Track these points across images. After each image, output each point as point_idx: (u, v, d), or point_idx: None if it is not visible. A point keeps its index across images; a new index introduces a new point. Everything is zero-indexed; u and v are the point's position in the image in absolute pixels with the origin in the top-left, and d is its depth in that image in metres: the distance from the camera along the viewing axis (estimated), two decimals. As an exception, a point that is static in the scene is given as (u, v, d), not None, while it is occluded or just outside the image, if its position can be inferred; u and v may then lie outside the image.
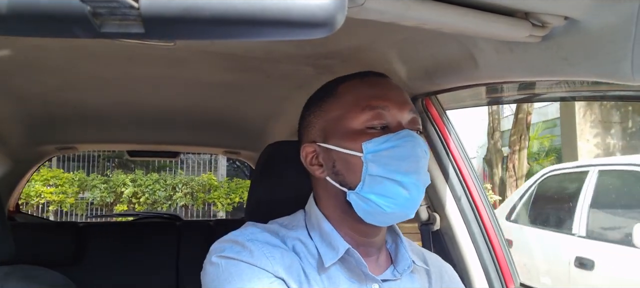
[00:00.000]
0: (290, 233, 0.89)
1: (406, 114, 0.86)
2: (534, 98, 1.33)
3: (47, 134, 2.47)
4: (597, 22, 0.77)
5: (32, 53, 1.43)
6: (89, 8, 0.36)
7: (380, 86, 0.88)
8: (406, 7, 0.74)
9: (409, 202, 0.81)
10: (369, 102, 0.84)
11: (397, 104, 0.85)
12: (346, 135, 0.84)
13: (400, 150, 0.80)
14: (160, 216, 3.76)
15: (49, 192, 9.72)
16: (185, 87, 1.86)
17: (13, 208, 3.13)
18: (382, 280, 0.88)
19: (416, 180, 0.81)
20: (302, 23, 0.38)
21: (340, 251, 0.84)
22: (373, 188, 0.81)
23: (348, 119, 0.85)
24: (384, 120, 0.84)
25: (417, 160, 0.81)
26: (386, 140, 0.81)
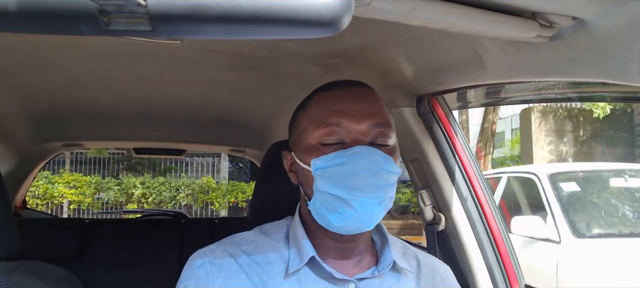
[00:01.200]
0: (265, 240, 0.93)
1: (366, 126, 0.85)
2: (534, 99, 1.32)
3: (53, 131, 2.48)
4: (605, 22, 0.76)
5: (39, 51, 1.44)
6: (96, 6, 0.36)
7: (342, 99, 0.88)
8: (412, 7, 0.73)
9: (356, 218, 0.83)
10: (325, 118, 0.86)
11: (355, 118, 0.85)
12: (304, 150, 0.87)
13: (347, 167, 0.81)
14: (166, 213, 3.76)
15: (70, 193, 10.98)
16: (191, 85, 1.86)
17: (20, 205, 3.15)
18: (358, 279, 0.89)
19: (360, 197, 0.81)
20: (308, 22, 0.38)
21: (305, 258, 0.87)
22: (322, 203, 0.84)
23: (307, 134, 0.88)
24: (338, 136, 0.85)
25: (363, 177, 0.81)
26: (334, 158, 0.83)
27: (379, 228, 0.99)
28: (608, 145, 9.89)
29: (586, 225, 4.00)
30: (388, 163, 0.84)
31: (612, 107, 9.04)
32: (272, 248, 0.91)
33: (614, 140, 9.92)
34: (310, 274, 0.88)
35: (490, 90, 1.36)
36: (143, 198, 11.19)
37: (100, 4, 0.36)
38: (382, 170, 0.83)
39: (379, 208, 0.84)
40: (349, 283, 0.88)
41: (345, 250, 0.91)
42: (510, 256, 1.42)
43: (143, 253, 2.45)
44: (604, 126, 9.90)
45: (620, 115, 9.93)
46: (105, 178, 11.62)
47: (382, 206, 0.84)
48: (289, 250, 0.90)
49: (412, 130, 1.43)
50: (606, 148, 9.70)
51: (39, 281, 1.14)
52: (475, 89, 1.35)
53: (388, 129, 0.87)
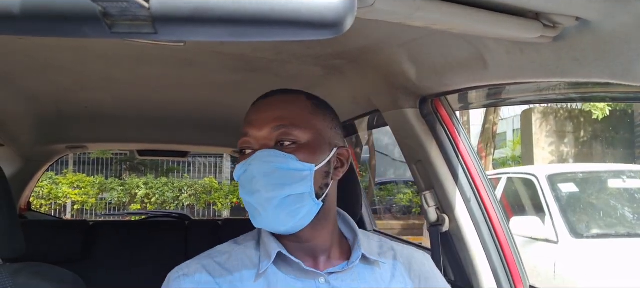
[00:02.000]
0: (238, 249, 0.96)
1: (267, 131, 0.89)
2: (537, 99, 1.31)
3: (57, 133, 2.49)
4: (609, 22, 0.76)
5: (43, 53, 1.45)
6: (100, 8, 0.36)
7: (253, 110, 0.94)
8: (415, 8, 0.73)
9: (264, 219, 0.88)
10: (242, 129, 0.93)
11: (258, 126, 0.90)
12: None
13: (247, 173, 0.88)
14: (170, 215, 3.77)
15: (74, 193, 11.04)
16: (194, 87, 1.87)
17: (24, 207, 3.16)
18: (328, 273, 0.91)
19: (260, 199, 0.86)
20: (311, 23, 0.38)
21: (273, 256, 0.90)
22: (246, 206, 0.91)
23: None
24: (249, 145, 0.91)
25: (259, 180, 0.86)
26: (240, 167, 0.90)
27: (349, 224, 1.02)
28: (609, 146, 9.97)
29: (584, 226, 4.05)
30: (286, 162, 0.87)
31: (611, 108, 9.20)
32: (244, 255, 0.94)
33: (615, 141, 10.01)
34: (279, 273, 0.91)
35: (493, 91, 1.36)
36: (146, 199, 11.37)
37: (104, 7, 0.36)
38: (279, 169, 0.86)
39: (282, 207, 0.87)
40: (319, 277, 0.90)
41: (306, 249, 0.94)
42: (515, 257, 1.42)
43: (147, 255, 2.46)
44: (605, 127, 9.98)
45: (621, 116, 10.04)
46: (108, 179, 11.80)
47: (287, 203, 0.87)
48: (260, 255, 0.93)
49: (415, 131, 1.43)
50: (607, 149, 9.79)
51: (44, 282, 1.15)
52: (478, 90, 1.35)
53: (292, 129, 0.89)
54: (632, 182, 4.41)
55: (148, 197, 11.45)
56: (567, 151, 10.03)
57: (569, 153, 10.02)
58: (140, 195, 11.41)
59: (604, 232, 4.00)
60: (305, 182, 0.88)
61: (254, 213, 0.89)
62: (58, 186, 11.03)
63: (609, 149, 9.88)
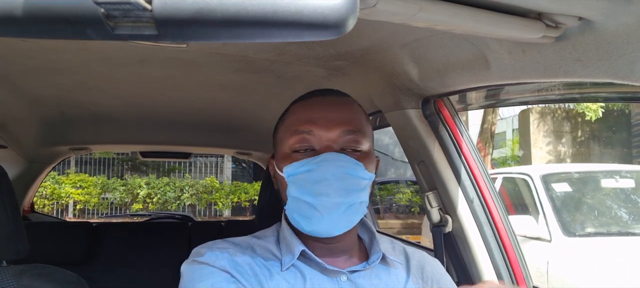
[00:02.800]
0: (259, 243, 0.96)
1: (336, 134, 0.88)
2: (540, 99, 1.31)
3: (61, 135, 2.49)
4: (612, 22, 0.76)
5: (46, 55, 1.45)
6: (103, 10, 0.36)
7: (314, 107, 0.92)
8: (418, 8, 0.73)
9: (323, 223, 0.86)
10: (297, 126, 0.90)
11: (326, 126, 0.88)
12: (280, 158, 0.92)
13: (315, 174, 0.85)
14: (173, 216, 3.78)
15: (77, 193, 11.12)
16: (197, 88, 1.87)
17: (28, 208, 3.17)
18: (349, 272, 0.92)
19: (327, 203, 0.85)
20: (313, 24, 0.38)
21: (296, 254, 0.90)
22: (294, 208, 0.89)
23: (283, 142, 0.92)
24: (308, 143, 0.89)
25: (329, 183, 0.84)
26: (303, 165, 0.87)
27: (366, 225, 1.02)
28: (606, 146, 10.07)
29: (576, 224, 4.13)
30: (356, 169, 0.87)
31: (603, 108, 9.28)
32: (266, 250, 0.94)
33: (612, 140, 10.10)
34: (304, 267, 0.91)
35: (496, 91, 1.36)
36: (148, 199, 11.45)
37: (107, 9, 0.36)
38: (349, 175, 0.86)
39: (346, 213, 0.87)
40: (341, 274, 0.91)
41: (331, 249, 0.94)
42: (518, 258, 1.42)
43: (150, 256, 2.46)
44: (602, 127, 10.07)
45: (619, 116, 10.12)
46: (111, 179, 11.89)
47: (351, 211, 0.87)
48: (281, 252, 0.93)
49: (418, 131, 1.43)
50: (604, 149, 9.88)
51: (48, 284, 1.15)
52: (481, 90, 1.35)
53: (359, 136, 0.90)
54: (624, 182, 4.50)
55: (150, 196, 11.51)
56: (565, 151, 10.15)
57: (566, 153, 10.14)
58: (142, 195, 11.47)
59: (596, 230, 4.08)
60: (365, 191, 0.89)
61: (310, 215, 0.86)
62: (61, 186, 11.09)
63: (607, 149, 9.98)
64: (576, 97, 1.18)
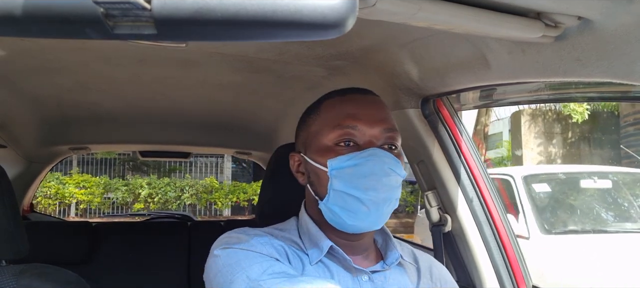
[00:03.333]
0: (282, 234, 0.96)
1: (378, 131, 0.90)
2: (538, 99, 1.31)
3: (60, 135, 2.49)
4: (611, 22, 0.76)
5: (45, 55, 1.45)
6: (102, 10, 0.36)
7: (356, 104, 0.92)
8: (417, 8, 0.73)
9: (368, 217, 0.87)
10: (340, 121, 0.90)
11: (369, 122, 0.90)
12: (318, 151, 0.92)
13: (362, 168, 0.86)
14: (172, 216, 3.78)
15: (80, 193, 11.39)
16: (196, 88, 1.87)
17: (27, 208, 3.17)
18: (371, 272, 0.93)
19: (375, 197, 0.86)
20: (313, 24, 0.38)
21: (324, 249, 0.90)
22: (336, 201, 0.88)
23: (321, 136, 0.92)
24: (353, 138, 0.89)
25: (378, 178, 0.86)
26: (350, 158, 0.87)
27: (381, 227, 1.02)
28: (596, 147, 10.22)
29: (553, 223, 4.34)
30: (397, 166, 0.89)
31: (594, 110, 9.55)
32: (291, 241, 0.94)
33: (602, 141, 10.25)
34: (331, 263, 0.92)
35: (495, 91, 1.36)
36: (149, 198, 11.66)
37: (106, 8, 0.36)
38: (393, 172, 0.88)
39: (388, 208, 0.89)
40: (363, 274, 0.92)
41: (352, 246, 0.95)
42: (518, 257, 1.42)
43: (150, 256, 2.46)
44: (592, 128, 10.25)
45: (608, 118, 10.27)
46: (113, 179, 12.11)
47: (391, 206, 0.90)
48: (304, 247, 0.94)
49: (417, 131, 1.43)
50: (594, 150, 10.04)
51: (48, 284, 1.15)
52: (480, 90, 1.35)
53: (396, 134, 0.92)
54: (602, 182, 4.72)
55: (151, 196, 11.69)
56: (555, 151, 10.32)
57: (557, 154, 10.30)
58: (144, 195, 11.65)
59: (571, 228, 4.28)
60: (400, 188, 0.91)
61: (356, 209, 0.86)
62: (64, 186, 11.28)
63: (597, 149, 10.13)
64: (575, 97, 1.18)
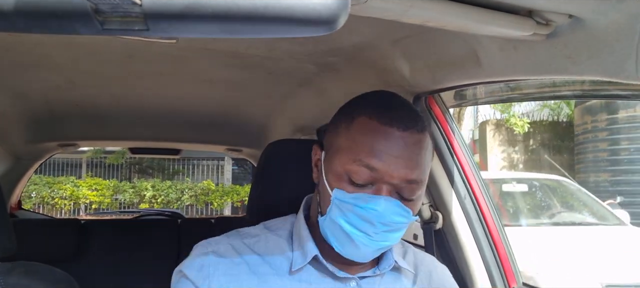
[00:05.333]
0: (269, 236, 0.94)
1: (398, 180, 0.83)
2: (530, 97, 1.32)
3: (48, 131, 2.47)
4: (602, 20, 0.76)
5: (33, 50, 1.43)
6: (91, 5, 0.36)
7: (389, 141, 0.83)
8: (409, 5, 0.73)
9: (357, 254, 0.85)
10: (363, 155, 0.83)
11: (391, 169, 0.82)
12: (331, 170, 0.87)
13: (364, 212, 0.81)
14: (162, 213, 3.76)
15: (92, 194, 12.91)
16: (186, 84, 1.86)
17: (15, 205, 3.14)
18: (359, 277, 0.92)
19: (367, 241, 0.82)
20: (304, 20, 0.38)
21: (308, 257, 0.89)
22: (330, 227, 0.86)
23: (341, 157, 0.85)
24: (368, 179, 0.83)
25: (375, 227, 0.82)
26: (355, 198, 0.82)
27: None
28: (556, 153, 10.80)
29: None
30: (405, 216, 0.83)
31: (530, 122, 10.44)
32: (276, 244, 0.92)
33: (560, 148, 10.90)
34: (313, 272, 0.90)
35: (486, 89, 1.37)
36: (153, 199, 13.01)
37: (96, 3, 0.36)
38: (396, 222, 0.83)
39: (381, 249, 0.87)
40: (351, 280, 0.91)
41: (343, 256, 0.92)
42: (508, 254, 1.43)
43: (140, 253, 2.45)
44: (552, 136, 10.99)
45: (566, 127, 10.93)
46: (121, 182, 13.50)
47: (386, 248, 0.87)
48: (292, 248, 0.92)
49: (409, 128, 1.43)
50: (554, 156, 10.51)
51: (36, 281, 1.14)
52: (472, 87, 1.35)
53: (419, 186, 0.85)
54: (519, 187, 5.80)
55: (155, 197, 13.01)
56: (518, 157, 11.06)
57: (519, 160, 11.04)
58: (148, 196, 12.98)
59: None
60: (402, 230, 0.86)
61: (345, 243, 0.84)
62: (78, 188, 12.77)
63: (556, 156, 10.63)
64: (568, 95, 1.18)
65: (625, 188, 8.15)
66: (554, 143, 10.96)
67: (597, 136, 9.00)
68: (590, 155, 9.21)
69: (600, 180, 8.75)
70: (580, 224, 5.30)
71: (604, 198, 6.55)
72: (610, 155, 8.71)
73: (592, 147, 9.16)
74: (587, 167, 9.27)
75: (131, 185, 13.36)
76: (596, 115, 8.94)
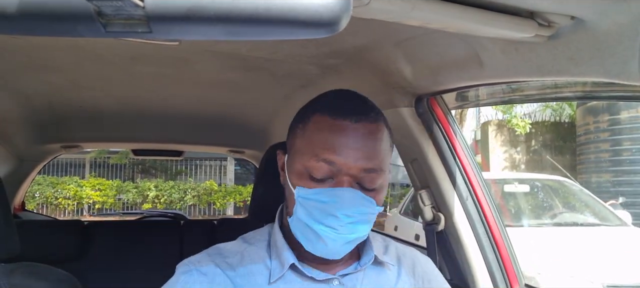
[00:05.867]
0: (249, 249, 0.95)
1: (357, 170, 0.84)
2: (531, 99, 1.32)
3: (52, 133, 2.48)
4: (604, 21, 0.76)
5: (37, 53, 1.44)
6: (94, 7, 0.36)
7: (343, 134, 0.85)
8: (411, 7, 0.73)
9: (326, 251, 0.85)
10: (320, 151, 0.84)
11: (348, 160, 0.83)
12: (294, 170, 0.88)
13: (327, 206, 0.82)
14: (165, 215, 3.76)
15: (95, 194, 12.96)
16: (189, 86, 1.86)
17: (19, 207, 3.15)
18: (341, 276, 0.92)
19: (333, 236, 0.83)
20: (307, 22, 0.38)
21: (286, 266, 0.89)
22: (298, 227, 0.86)
23: (300, 157, 0.87)
24: (326, 172, 0.84)
25: (340, 220, 0.82)
26: (316, 193, 0.84)
27: None
28: (557, 154, 10.78)
29: None
30: (368, 206, 0.84)
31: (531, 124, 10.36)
32: (256, 256, 0.93)
33: (562, 149, 10.86)
34: (294, 278, 0.90)
35: (488, 90, 1.37)
36: (156, 199, 13.06)
37: (99, 6, 0.36)
38: (360, 213, 0.84)
39: (351, 243, 0.86)
40: (332, 281, 0.91)
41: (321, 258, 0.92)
42: (510, 256, 1.42)
43: (142, 254, 2.45)
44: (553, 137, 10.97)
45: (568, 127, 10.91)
46: (125, 182, 13.57)
47: (355, 240, 0.87)
48: (270, 258, 0.92)
49: (411, 130, 1.43)
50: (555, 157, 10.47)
51: (39, 282, 1.14)
52: (474, 89, 1.35)
53: (379, 174, 0.86)
54: (521, 187, 5.79)
55: (158, 198, 13.04)
56: (519, 158, 11.05)
57: (521, 160, 11.02)
58: (152, 196, 13.00)
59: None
60: (371, 222, 0.88)
61: (314, 241, 0.85)
62: (82, 188, 12.79)
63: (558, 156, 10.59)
64: (571, 96, 1.18)
65: (627, 188, 8.17)
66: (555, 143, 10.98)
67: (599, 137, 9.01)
68: (592, 155, 9.22)
69: (602, 180, 8.78)
70: (582, 225, 5.29)
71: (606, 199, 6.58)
72: (612, 155, 8.72)
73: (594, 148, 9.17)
74: (589, 167, 9.28)
75: (134, 185, 13.40)
76: (598, 116, 8.95)
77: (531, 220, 5.41)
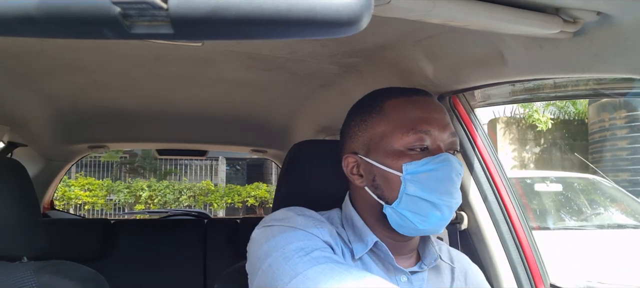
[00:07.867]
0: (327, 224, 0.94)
1: (446, 136, 0.90)
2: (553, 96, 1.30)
3: (78, 134, 2.53)
4: (630, 17, 0.75)
5: (63, 54, 1.47)
6: (119, 10, 0.36)
7: (425, 108, 0.91)
8: (432, 5, 0.73)
9: (441, 221, 0.87)
10: (414, 125, 0.88)
11: (439, 127, 0.89)
12: (388, 154, 0.89)
13: (438, 173, 0.85)
14: (189, 213, 3.80)
15: (85, 195, 11.96)
16: (212, 86, 1.88)
17: (47, 205, 3.22)
18: (410, 272, 0.93)
19: (449, 202, 0.86)
20: (328, 22, 0.38)
21: (369, 243, 0.90)
22: (408, 206, 0.87)
23: (392, 139, 0.89)
24: (425, 143, 0.88)
25: (452, 184, 0.86)
26: (425, 163, 0.86)
27: None
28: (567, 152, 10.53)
29: None
30: (462, 170, 0.90)
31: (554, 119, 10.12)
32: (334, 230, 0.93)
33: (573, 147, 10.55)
34: (372, 262, 0.92)
35: (512, 88, 1.35)
36: (149, 200, 12.25)
37: (123, 8, 0.37)
38: (460, 176, 0.89)
39: (453, 213, 0.91)
40: (403, 274, 0.92)
41: (398, 247, 0.94)
42: (535, 255, 1.40)
43: (167, 253, 2.49)
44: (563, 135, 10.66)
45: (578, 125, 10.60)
46: (116, 182, 12.75)
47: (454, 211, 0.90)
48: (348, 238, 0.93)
49: (433, 128, 1.42)
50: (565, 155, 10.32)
51: (67, 280, 1.17)
52: (496, 87, 1.34)
53: (457, 140, 0.92)
54: (554, 186, 5.48)
55: (151, 198, 12.23)
56: (528, 157, 10.76)
57: (530, 159, 10.74)
58: (144, 197, 12.28)
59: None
60: None
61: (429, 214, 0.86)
62: (70, 188, 11.86)
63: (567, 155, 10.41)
64: (592, 94, 1.16)
65: (647, 187, 7.86)
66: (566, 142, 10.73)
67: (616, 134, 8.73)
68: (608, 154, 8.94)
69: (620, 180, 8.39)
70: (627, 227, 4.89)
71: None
72: (630, 154, 8.45)
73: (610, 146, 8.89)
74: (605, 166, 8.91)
75: (126, 185, 12.57)
76: (614, 112, 8.70)
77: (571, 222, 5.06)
